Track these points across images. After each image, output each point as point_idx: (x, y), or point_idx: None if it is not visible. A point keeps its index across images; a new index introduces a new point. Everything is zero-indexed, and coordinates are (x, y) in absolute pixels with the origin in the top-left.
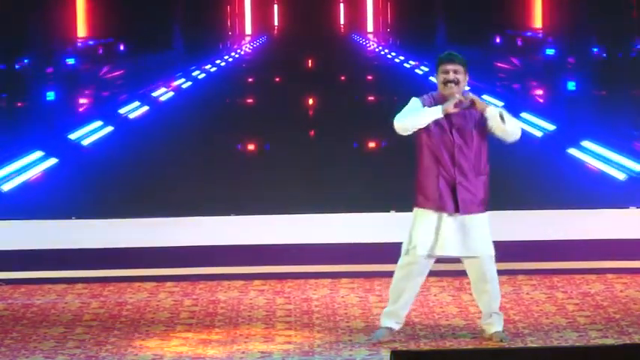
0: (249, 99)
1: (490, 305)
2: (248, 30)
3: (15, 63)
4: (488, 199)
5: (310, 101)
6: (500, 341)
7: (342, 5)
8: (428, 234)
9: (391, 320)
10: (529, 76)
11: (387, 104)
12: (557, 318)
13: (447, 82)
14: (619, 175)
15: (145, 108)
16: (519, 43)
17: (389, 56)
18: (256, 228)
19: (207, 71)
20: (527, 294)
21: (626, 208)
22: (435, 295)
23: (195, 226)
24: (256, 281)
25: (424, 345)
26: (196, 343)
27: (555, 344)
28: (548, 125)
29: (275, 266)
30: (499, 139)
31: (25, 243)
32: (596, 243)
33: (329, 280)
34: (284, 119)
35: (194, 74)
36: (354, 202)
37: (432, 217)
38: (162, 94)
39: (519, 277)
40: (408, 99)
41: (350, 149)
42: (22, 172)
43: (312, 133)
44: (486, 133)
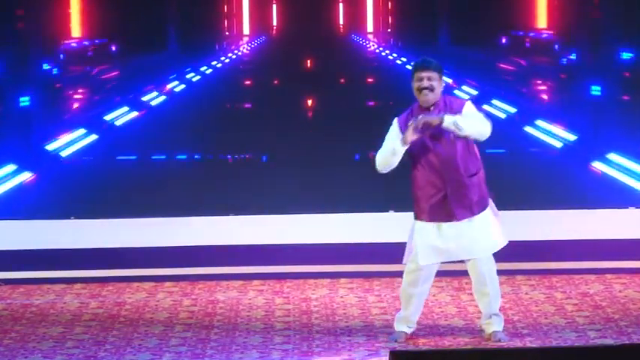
0: (246, 100)
1: (490, 306)
2: (246, 30)
3: None
4: (486, 197)
5: (309, 102)
6: (498, 341)
7: (341, 5)
8: (427, 244)
9: (403, 325)
10: (539, 79)
11: (387, 106)
12: (556, 318)
13: (421, 89)
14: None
15: (135, 113)
16: (527, 44)
17: (390, 57)
18: (255, 228)
19: (203, 73)
20: (526, 294)
21: (626, 208)
22: (434, 296)
23: (194, 226)
24: (255, 281)
25: (423, 345)
26: (195, 343)
27: (554, 344)
28: (567, 134)
29: (274, 266)
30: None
31: (24, 243)
32: (595, 243)
33: (328, 280)
34: (283, 120)
35: (188, 77)
36: (353, 202)
37: (430, 228)
38: (154, 98)
39: (518, 278)
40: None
41: (349, 149)
42: (18, 173)
43: (311, 134)
44: None
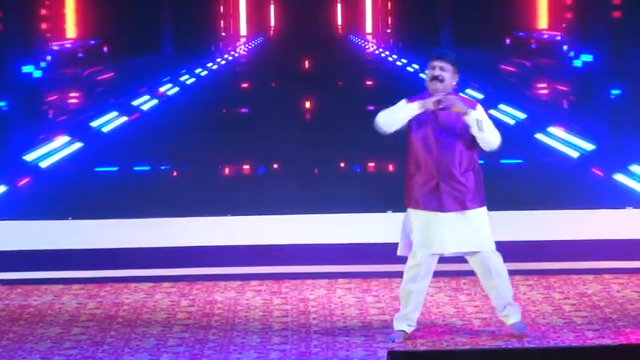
0: (243, 104)
1: (500, 297)
2: (243, 31)
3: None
4: (481, 195)
5: (307, 104)
6: (518, 332)
7: (339, 5)
8: (423, 234)
9: (403, 323)
10: (547, 82)
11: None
12: (553, 318)
13: (432, 78)
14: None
15: (124, 118)
16: (533, 45)
17: (390, 59)
18: (253, 228)
19: (198, 75)
20: (524, 294)
21: (623, 208)
22: (432, 296)
23: (192, 227)
24: (253, 282)
25: (421, 345)
26: (193, 343)
27: (552, 344)
28: (584, 143)
29: (272, 267)
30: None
31: (22, 243)
32: (593, 243)
33: (326, 281)
34: (280, 123)
35: (182, 79)
36: (351, 203)
37: (427, 217)
38: (145, 102)
39: (516, 278)
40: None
41: (347, 150)
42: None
43: (309, 136)
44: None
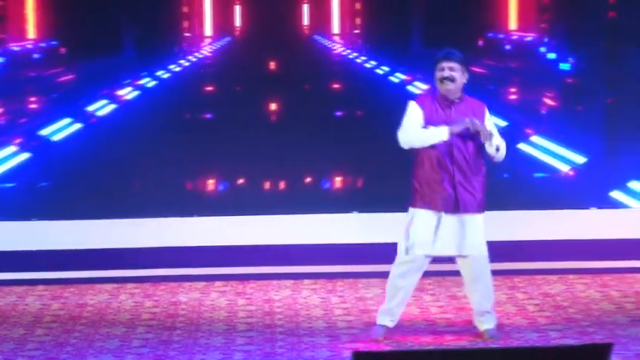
0: (207, 108)
1: (481, 304)
2: (208, 31)
3: None
4: (484, 200)
5: (273, 106)
6: (491, 338)
7: (306, 6)
8: (426, 234)
9: (386, 318)
10: (526, 87)
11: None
12: (517, 318)
13: (443, 79)
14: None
15: (78, 125)
16: (508, 47)
17: (358, 60)
18: (218, 229)
19: (159, 78)
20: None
21: (587, 209)
22: None
23: (157, 228)
24: (218, 282)
25: (385, 346)
26: (157, 344)
27: (515, 345)
28: (575, 156)
29: (237, 267)
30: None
31: None
32: (557, 243)
33: (291, 282)
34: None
35: (143, 82)
36: (317, 203)
37: (431, 217)
38: (102, 107)
39: None
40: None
41: (316, 149)
42: None
43: (274, 139)
44: None
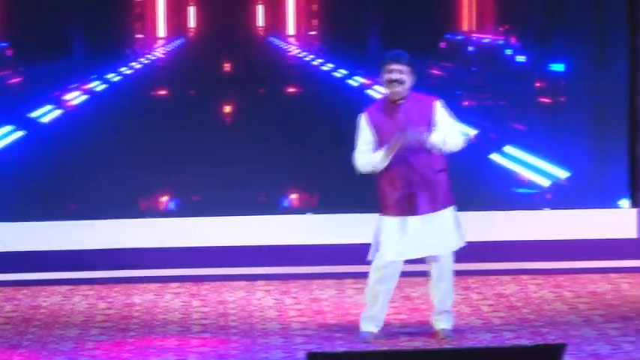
0: (158, 112)
1: (443, 303)
2: (161, 32)
3: None
4: (450, 195)
5: (227, 109)
6: (446, 338)
7: (260, 7)
8: (394, 240)
9: (371, 324)
10: (490, 91)
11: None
12: (471, 319)
13: (391, 82)
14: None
15: (20, 133)
16: (472, 48)
17: (314, 63)
18: (171, 231)
19: (109, 81)
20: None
21: (541, 209)
22: (351, 297)
23: (109, 229)
24: (172, 284)
25: (339, 346)
26: (111, 346)
27: (470, 345)
28: (556, 170)
29: (191, 269)
30: None
31: None
32: (510, 244)
33: (245, 283)
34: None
35: (91, 86)
36: (270, 205)
37: (396, 222)
38: (46, 113)
39: None
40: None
41: (267, 150)
42: None
43: (229, 139)
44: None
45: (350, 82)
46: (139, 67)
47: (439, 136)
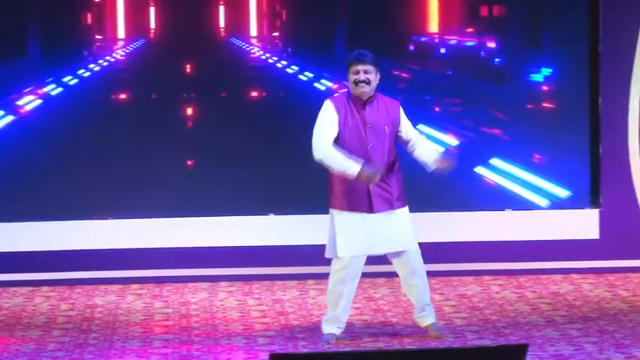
0: (117, 118)
1: (422, 298)
2: (121, 33)
3: None
4: (404, 193)
5: (189, 111)
6: (437, 333)
7: (222, 7)
8: (351, 235)
9: (332, 326)
10: (468, 97)
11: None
12: None
13: (357, 83)
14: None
15: None
16: (444, 50)
17: (279, 65)
18: (133, 232)
19: (66, 85)
20: (405, 296)
21: (503, 210)
22: (314, 298)
23: (71, 230)
24: (134, 285)
25: (303, 348)
26: (73, 347)
27: (432, 346)
28: (555, 188)
29: (153, 270)
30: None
31: None
32: (472, 245)
33: (207, 284)
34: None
35: (47, 90)
36: (233, 205)
37: (353, 217)
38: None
39: (397, 280)
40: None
41: (230, 152)
42: None
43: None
44: (397, 130)
45: (317, 85)
46: (97, 69)
47: (434, 153)
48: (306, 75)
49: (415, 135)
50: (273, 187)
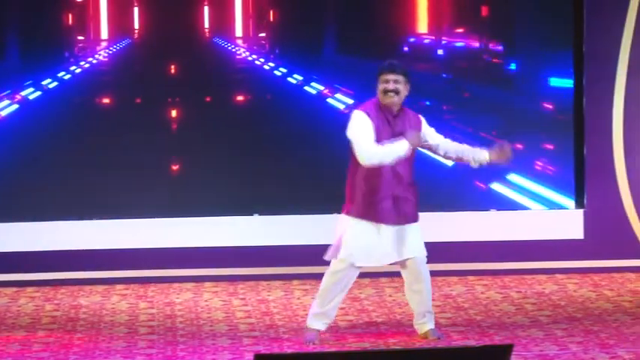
0: (102, 113)
1: (424, 304)
2: (104, 34)
3: None
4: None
5: (173, 113)
6: (437, 339)
7: (206, 8)
8: (366, 245)
9: (319, 322)
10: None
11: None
12: None
13: (387, 92)
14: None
15: None
16: (440, 51)
17: (266, 67)
18: (117, 232)
19: (45, 88)
20: (390, 296)
21: (487, 210)
22: (299, 299)
23: (55, 230)
24: (118, 286)
25: (288, 348)
26: (58, 348)
27: (417, 346)
28: (559, 197)
29: (138, 270)
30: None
31: None
32: (458, 245)
33: (192, 284)
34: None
35: (24, 93)
36: (217, 206)
37: (369, 228)
38: None
39: (382, 280)
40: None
41: (214, 151)
42: None
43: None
44: (424, 141)
45: (308, 89)
46: (78, 71)
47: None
48: (296, 78)
49: (441, 138)
50: (257, 187)
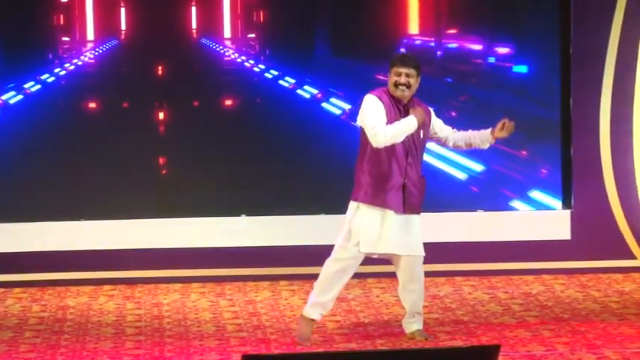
0: (87, 116)
1: (416, 305)
2: (90, 35)
3: None
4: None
5: (160, 115)
6: (425, 339)
7: (194, 8)
8: (372, 231)
9: (316, 312)
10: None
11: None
12: None
13: (398, 85)
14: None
15: None
16: (439, 52)
17: (256, 69)
18: (105, 233)
19: (26, 92)
20: (377, 297)
21: (474, 211)
22: (286, 299)
23: (43, 232)
24: (106, 286)
25: (275, 349)
26: (45, 349)
27: (405, 347)
28: (546, 198)
29: (125, 271)
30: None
31: None
32: (444, 246)
33: (180, 285)
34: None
35: (5, 97)
36: (205, 207)
37: (377, 214)
38: None
39: (369, 280)
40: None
41: (201, 152)
42: None
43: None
44: (433, 132)
45: (301, 92)
46: (63, 73)
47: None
48: (288, 80)
49: (450, 130)
50: (244, 188)
